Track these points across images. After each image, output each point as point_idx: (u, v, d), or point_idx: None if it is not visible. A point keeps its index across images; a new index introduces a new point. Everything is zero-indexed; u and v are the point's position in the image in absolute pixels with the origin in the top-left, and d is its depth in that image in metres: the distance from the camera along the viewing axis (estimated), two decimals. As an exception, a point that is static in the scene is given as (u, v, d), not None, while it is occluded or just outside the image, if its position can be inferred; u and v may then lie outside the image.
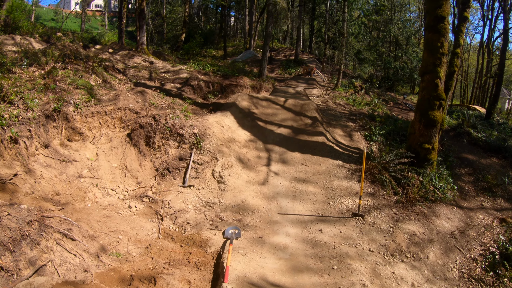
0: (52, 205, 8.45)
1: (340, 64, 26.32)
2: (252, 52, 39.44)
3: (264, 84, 21.42)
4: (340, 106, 18.59)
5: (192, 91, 16.78)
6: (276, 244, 8.03)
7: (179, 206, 9.12)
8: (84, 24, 55.86)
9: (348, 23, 30.85)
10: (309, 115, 14.10)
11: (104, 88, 13.27)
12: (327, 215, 9.38)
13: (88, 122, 11.22)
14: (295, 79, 29.13)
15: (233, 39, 60.44)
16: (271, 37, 30.37)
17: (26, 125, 9.67)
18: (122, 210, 9.02)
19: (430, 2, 11.21)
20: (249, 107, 14.27)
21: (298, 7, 43.97)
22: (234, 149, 11.47)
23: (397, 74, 35.67)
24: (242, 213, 9.13)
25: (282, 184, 10.56)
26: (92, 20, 73.64)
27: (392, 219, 9.32)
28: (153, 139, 10.89)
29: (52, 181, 9.46)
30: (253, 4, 41.75)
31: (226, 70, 22.00)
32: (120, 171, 10.46)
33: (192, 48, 37.10)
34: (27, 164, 9.23)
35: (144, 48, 24.04)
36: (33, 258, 5.94)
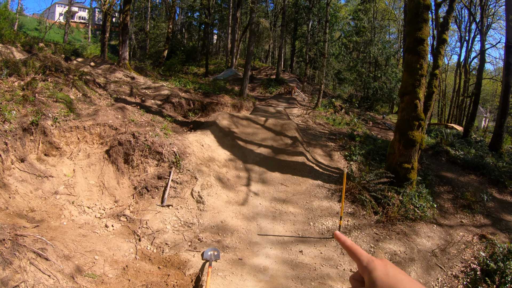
0: (26, 222, 8.21)
1: (321, 84, 26.63)
2: (234, 71, 39.61)
3: (245, 102, 21.45)
4: (320, 125, 18.73)
5: (173, 108, 16.70)
6: (256, 266, 7.95)
7: (157, 226, 8.97)
8: (67, 36, 55.28)
9: (329, 43, 31.37)
10: (289, 135, 14.15)
11: (84, 102, 13.08)
12: (307, 236, 9.34)
13: (66, 137, 11.01)
14: (276, 98, 29.31)
15: (215, 57, 60.76)
16: (252, 56, 30.58)
17: (2, 138, 9.40)
18: (99, 229, 8.82)
19: (410, 24, 11.46)
20: (230, 126, 14.26)
21: (280, 27, 44.60)
22: (214, 168, 11.40)
23: (376, 94, 36.25)
24: (222, 234, 9.03)
25: (262, 204, 10.52)
26: (75, 32, 73.18)
27: (373, 238, 9.36)
28: (132, 156, 10.74)
29: (27, 196, 9.21)
30: (236, 23, 42.06)
31: (207, 88, 22.00)
32: (97, 188, 10.26)
33: (174, 64, 37.03)
34: (1, 178, 8.96)
35: (126, 63, 23.89)
36: (5, 278, 5.74)
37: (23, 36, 25.97)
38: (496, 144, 19.64)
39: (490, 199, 12.15)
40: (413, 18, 11.30)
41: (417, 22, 11.16)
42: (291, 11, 47.17)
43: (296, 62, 56.52)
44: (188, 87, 21.14)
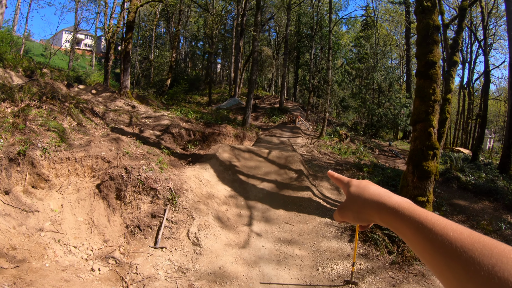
0: (5, 262, 7.43)
1: (325, 112, 26.07)
2: (237, 100, 39.39)
3: (247, 133, 20.87)
4: (326, 155, 18.07)
5: (172, 139, 16.05)
6: (258, 322, 7.07)
7: (148, 271, 8.10)
8: (72, 62, 55.54)
9: (332, 71, 31.06)
10: (294, 168, 13.39)
11: (78, 132, 12.45)
12: (316, 284, 8.36)
13: (56, 168, 10.30)
14: (279, 127, 28.85)
15: (218, 86, 60.90)
16: (255, 85, 30.28)
17: (-14, 168, 8.74)
18: (84, 273, 7.97)
19: (420, 47, 10.83)
20: (231, 159, 13.51)
21: (283, 55, 44.60)
22: (213, 206, 10.56)
23: (381, 120, 35.96)
24: (220, 282, 8.11)
25: (265, 246, 9.62)
26: (80, 59, 73.82)
27: (389, 284, 8.37)
28: (124, 192, 9.94)
29: (9, 233, 8.42)
30: (239, 52, 42.06)
31: (209, 117, 21.49)
32: (86, 226, 9.46)
33: (177, 93, 36.86)
34: (-18, 212, 8.27)
35: (128, 92, 23.50)
36: None
37: (26, 61, 25.81)
38: (505, 166, 19.21)
39: (508, 227, 11.36)
40: (423, 40, 10.69)
41: (428, 44, 10.55)
42: (294, 40, 47.40)
43: (299, 90, 56.57)
44: (190, 116, 20.63)
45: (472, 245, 0.65)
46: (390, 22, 46.35)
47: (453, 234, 0.70)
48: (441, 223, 0.74)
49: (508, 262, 0.59)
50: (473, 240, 0.66)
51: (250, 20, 45.50)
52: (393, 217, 0.88)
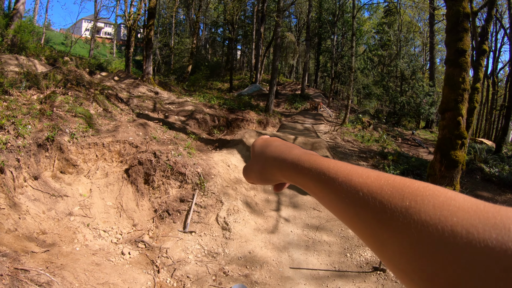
0: (36, 246, 7.49)
1: (348, 99, 25.70)
2: (258, 86, 39.10)
3: (271, 119, 20.71)
4: (349, 143, 17.80)
5: (197, 124, 15.99)
6: (289, 307, 6.98)
7: (178, 255, 8.09)
8: (93, 51, 55.95)
9: (354, 57, 30.65)
10: (320, 154, 13.20)
11: (104, 117, 12.48)
12: (344, 270, 8.26)
13: (84, 154, 10.35)
14: (301, 114, 28.52)
15: (239, 72, 60.56)
16: (278, 71, 29.93)
17: (15, 154, 8.74)
18: (114, 256, 8.00)
19: (450, 35, 10.51)
20: (257, 144, 13.39)
21: (304, 41, 44.06)
22: (241, 191, 10.48)
23: (404, 108, 35.30)
24: (250, 266, 8.06)
25: (294, 232, 9.52)
26: (101, 47, 74.21)
27: None
28: (152, 177, 9.93)
29: (39, 217, 8.50)
30: (259, 38, 41.67)
31: (232, 103, 21.35)
32: (114, 210, 9.50)
33: (198, 79, 36.74)
34: (12, 197, 8.28)
35: (150, 78, 23.51)
36: (1, 320, 4.96)
37: (49, 50, 26.02)
38: (530, 159, 18.40)
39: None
40: (453, 27, 10.36)
41: (457, 32, 10.22)
42: (315, 26, 46.66)
43: (320, 77, 55.96)
44: (213, 102, 20.53)
45: (381, 189, 0.56)
46: (414, 8, 45.36)
47: (358, 180, 0.61)
48: (344, 170, 0.65)
49: (423, 201, 0.50)
50: (381, 183, 0.57)
51: (271, 6, 45.03)
52: (294, 172, 0.80)
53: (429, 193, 0.51)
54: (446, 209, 0.47)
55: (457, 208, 0.47)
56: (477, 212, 0.46)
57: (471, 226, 0.44)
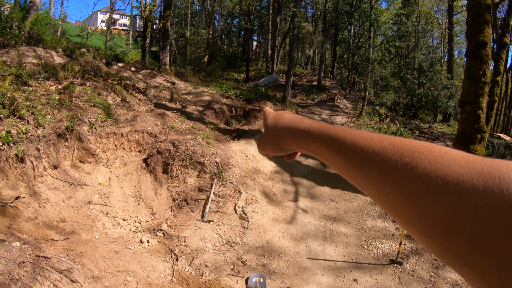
0: (56, 234, 7.59)
1: (365, 90, 25.38)
2: (275, 77, 38.90)
3: (287, 110, 20.55)
4: (366, 135, 17.64)
5: (214, 115, 15.97)
6: (307, 297, 6.96)
7: (196, 244, 8.12)
8: (109, 42, 56.20)
9: (372, 48, 30.23)
10: (338, 146, 13.13)
11: (122, 107, 12.53)
12: (361, 262, 8.22)
13: (102, 143, 10.42)
14: (318, 105, 28.29)
15: (255, 63, 60.33)
16: (294, 62, 29.75)
17: (35, 143, 8.85)
18: (133, 244, 8.07)
19: (470, 27, 10.34)
20: (275, 135, 13.32)
21: (321, 32, 43.66)
22: (259, 181, 10.46)
23: (421, 101, 34.75)
24: (268, 256, 8.06)
25: (311, 223, 9.49)
26: (117, 38, 74.47)
27: (432, 266, 8.11)
28: (171, 166, 9.96)
29: (59, 206, 8.60)
30: (276, 29, 41.39)
31: (249, 94, 21.21)
32: (133, 199, 9.56)
33: (215, 70, 36.69)
34: (32, 185, 8.40)
35: (167, 69, 23.54)
36: (24, 306, 5.02)
37: (65, 41, 26.15)
38: (548, 155, 17.92)
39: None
40: (474, 19, 10.18)
41: (478, 24, 10.04)
42: (332, 16, 46.09)
43: (337, 68, 55.51)
44: (230, 93, 20.45)
45: (383, 148, 0.62)
46: (432, -1, 44.59)
47: (363, 142, 0.67)
48: (351, 134, 0.71)
49: (420, 156, 0.56)
50: (383, 143, 0.63)
51: (287, -4, 44.63)
52: (306, 140, 0.86)
53: (425, 150, 0.56)
54: (439, 162, 0.52)
55: (449, 161, 0.52)
56: (467, 163, 0.50)
57: (461, 175, 0.49)
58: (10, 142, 8.28)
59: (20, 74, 11.10)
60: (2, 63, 11.95)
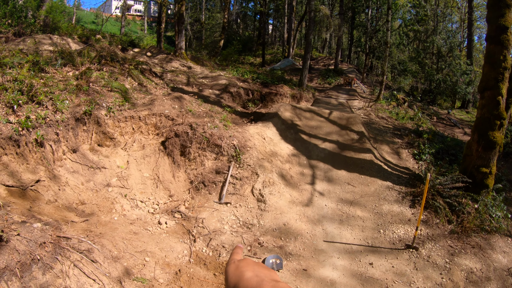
0: (75, 216, 7.71)
1: (383, 75, 25.02)
2: (291, 61, 38.64)
3: (304, 93, 20.47)
4: (383, 119, 17.40)
5: (231, 98, 15.95)
6: (323, 279, 6.96)
7: (214, 225, 8.18)
8: (124, 28, 56.29)
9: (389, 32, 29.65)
10: (355, 130, 12.97)
11: (139, 91, 12.58)
12: (377, 246, 8.21)
13: (120, 127, 10.50)
14: (335, 89, 28.08)
15: (271, 47, 59.96)
16: (311, 45, 29.44)
17: (54, 128, 8.94)
18: (151, 226, 8.16)
19: (491, 10, 10.05)
20: (292, 118, 13.25)
21: (337, 15, 43.06)
22: (276, 164, 10.45)
23: (440, 87, 34.19)
24: (284, 238, 8.08)
25: (328, 206, 9.47)
26: (131, 24, 74.66)
27: (448, 252, 8.04)
28: (188, 149, 10.01)
29: (78, 189, 8.73)
30: (292, 12, 40.98)
31: (265, 78, 21.11)
32: (151, 181, 9.65)
33: (230, 54, 36.53)
34: (52, 169, 8.53)
35: (183, 53, 23.52)
36: (45, 284, 5.12)
37: (80, 28, 26.32)
38: None
39: None
40: (495, 3, 9.90)
41: (499, 8, 9.76)
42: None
43: (354, 52, 54.85)
44: (246, 76, 20.39)
45: None
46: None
47: None
48: None
49: None
50: None
51: (303, -22, 44.04)
52: None
53: None
54: None
55: None
56: None
57: None
58: (29, 127, 8.39)
59: (37, 61, 11.23)
60: (19, 51, 12.05)
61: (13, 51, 11.81)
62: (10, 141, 7.98)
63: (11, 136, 8.00)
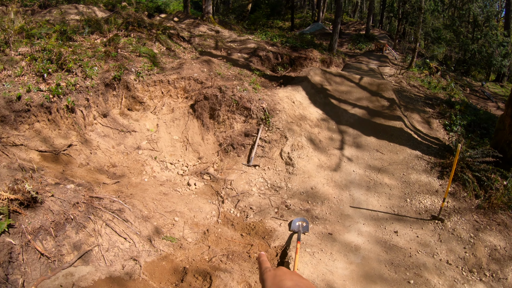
0: (107, 178, 7.94)
1: (416, 42, 24.21)
2: (321, 25, 37.83)
3: (334, 58, 20.07)
4: (415, 88, 16.95)
5: (260, 62, 15.80)
6: (348, 243, 6.97)
7: (242, 187, 8.26)
8: (150, -6, 56.07)
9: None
10: (386, 96, 12.68)
11: (167, 56, 12.61)
12: (403, 214, 8.10)
13: (149, 91, 10.60)
14: (366, 55, 27.41)
15: (300, 11, 58.84)
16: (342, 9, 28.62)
17: (84, 94, 9.16)
18: (181, 187, 8.32)
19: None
20: (322, 82, 13.03)
21: (370, -22, 41.66)
22: (305, 128, 10.36)
23: (474, 57, 32.90)
24: (311, 202, 8.10)
25: (356, 172, 9.38)
26: (158, -10, 74.02)
27: (473, 227, 7.85)
28: (218, 111, 10.02)
29: (109, 152, 8.95)
30: (322, -26, 39.82)
31: (294, 42, 20.75)
32: (181, 144, 9.77)
33: (259, 18, 36.02)
34: (83, 134, 8.78)
35: (210, 17, 23.35)
36: (78, 242, 5.32)
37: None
38: None
39: None
40: None
41: None
42: (381, -39, 43.80)
43: (386, 18, 53.25)
44: (275, 40, 20.11)
45: None
46: None
47: None
48: None
49: None
50: None
51: None
52: None
53: None
54: None
55: None
56: None
57: None
58: (60, 94, 8.61)
59: (64, 31, 11.41)
60: (45, 22, 12.24)
61: (40, 22, 12.01)
62: (41, 109, 8.21)
63: (43, 104, 8.22)
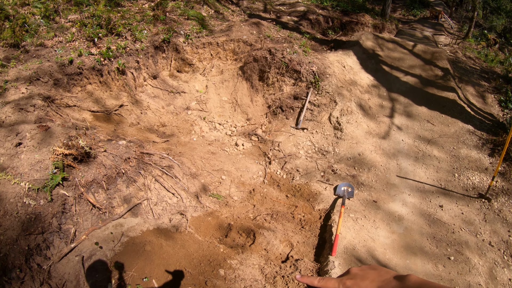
0: (156, 137, 8.15)
1: (474, 11, 22.95)
2: (374, -11, 36.49)
3: (387, 24, 19.40)
4: (470, 59, 16.14)
5: (310, 25, 15.49)
6: (391, 213, 6.87)
7: (289, 149, 8.27)
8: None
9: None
10: (440, 66, 12.15)
11: (216, 19, 12.57)
12: (450, 189, 7.87)
13: (198, 53, 10.64)
14: (420, 22, 26.29)
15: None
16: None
17: (134, 56, 9.35)
18: (228, 147, 8.42)
19: None
20: (374, 48, 12.63)
21: None
22: (355, 93, 10.14)
23: (536, 32, 30.87)
24: (358, 168, 8.00)
25: (405, 141, 9.15)
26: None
27: None
28: (267, 74, 9.96)
29: (159, 112, 9.16)
30: None
31: (345, 5, 20.16)
32: (229, 105, 9.83)
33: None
34: (134, 95, 9.03)
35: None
36: (128, 195, 5.52)
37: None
38: None
39: None
40: None
41: None
42: None
43: (443, -17, 50.75)
44: (325, 4, 19.60)
45: None
46: None
47: None
48: None
49: None
50: None
51: None
52: None
53: None
54: None
55: None
56: None
57: None
58: (110, 57, 8.84)
59: (112, -4, 11.58)
60: (92, -11, 12.45)
61: (86, -11, 12.22)
62: (93, 71, 8.46)
63: (94, 66, 8.46)
